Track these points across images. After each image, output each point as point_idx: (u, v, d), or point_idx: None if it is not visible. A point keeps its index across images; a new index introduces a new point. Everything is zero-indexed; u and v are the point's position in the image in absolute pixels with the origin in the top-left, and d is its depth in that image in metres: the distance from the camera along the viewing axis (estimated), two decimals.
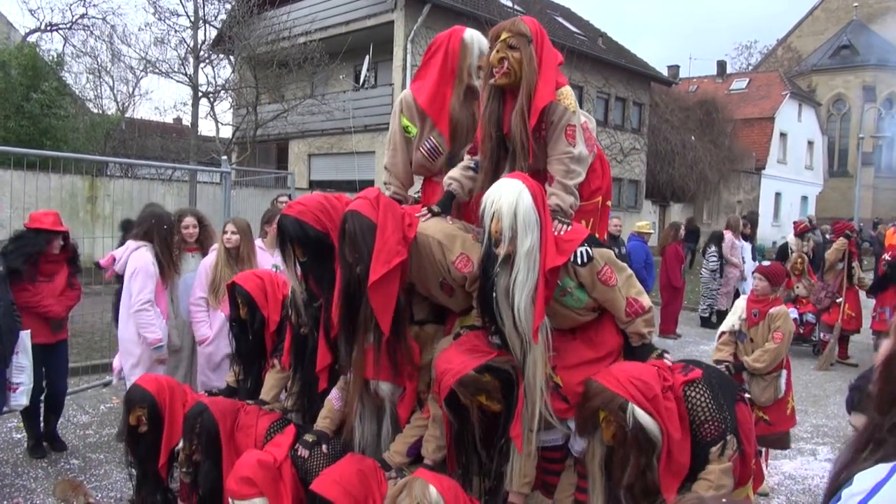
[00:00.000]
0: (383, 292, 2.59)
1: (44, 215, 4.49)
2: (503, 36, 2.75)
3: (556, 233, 2.61)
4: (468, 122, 3.17)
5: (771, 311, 4.57)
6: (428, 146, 3.18)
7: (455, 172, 2.97)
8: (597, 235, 2.97)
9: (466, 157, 3.00)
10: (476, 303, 2.71)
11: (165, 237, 4.42)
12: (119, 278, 4.56)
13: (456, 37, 3.12)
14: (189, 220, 4.71)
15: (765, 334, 4.53)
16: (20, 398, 4.24)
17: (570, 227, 2.68)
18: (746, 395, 2.92)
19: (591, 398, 2.46)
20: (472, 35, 3.15)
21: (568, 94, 2.79)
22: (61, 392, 4.76)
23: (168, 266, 4.44)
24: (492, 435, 2.64)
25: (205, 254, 4.77)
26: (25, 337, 4.20)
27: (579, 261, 2.58)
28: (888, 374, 1.17)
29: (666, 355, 2.74)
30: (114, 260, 4.53)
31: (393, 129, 3.31)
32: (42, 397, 4.60)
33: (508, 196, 2.45)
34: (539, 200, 2.52)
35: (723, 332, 4.74)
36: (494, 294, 2.50)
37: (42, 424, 4.70)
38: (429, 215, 2.86)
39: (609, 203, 3.20)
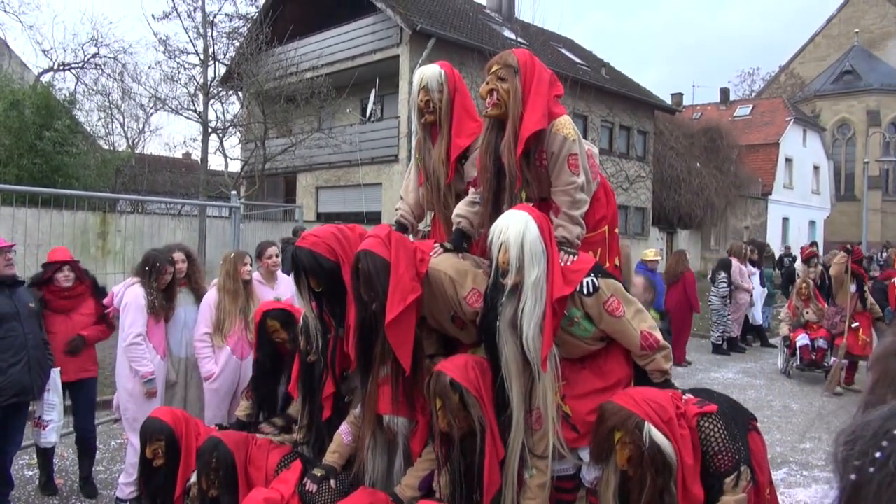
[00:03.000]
0: (401, 330, 2.62)
1: (52, 251, 4.57)
2: (494, 68, 2.81)
3: (562, 263, 2.63)
4: (429, 158, 3.17)
5: None
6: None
7: (462, 209, 2.98)
8: (606, 264, 2.99)
9: (471, 190, 3.02)
10: (478, 332, 2.73)
11: (149, 276, 4.37)
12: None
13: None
14: (178, 256, 4.64)
15: None
16: (50, 436, 4.25)
17: (576, 258, 2.70)
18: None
19: (606, 418, 2.46)
20: (419, 71, 3.17)
21: (566, 124, 2.80)
22: (88, 431, 4.70)
23: (156, 303, 4.38)
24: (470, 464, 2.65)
25: (193, 289, 4.73)
26: (56, 375, 4.22)
27: (585, 291, 2.60)
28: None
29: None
30: (114, 297, 4.52)
31: (412, 161, 3.40)
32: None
33: (515, 227, 2.49)
34: (545, 231, 2.55)
35: None
36: (498, 324, 2.52)
37: (79, 469, 4.73)
38: (441, 251, 2.89)
39: (617, 231, 3.20)
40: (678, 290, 9.69)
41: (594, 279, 2.62)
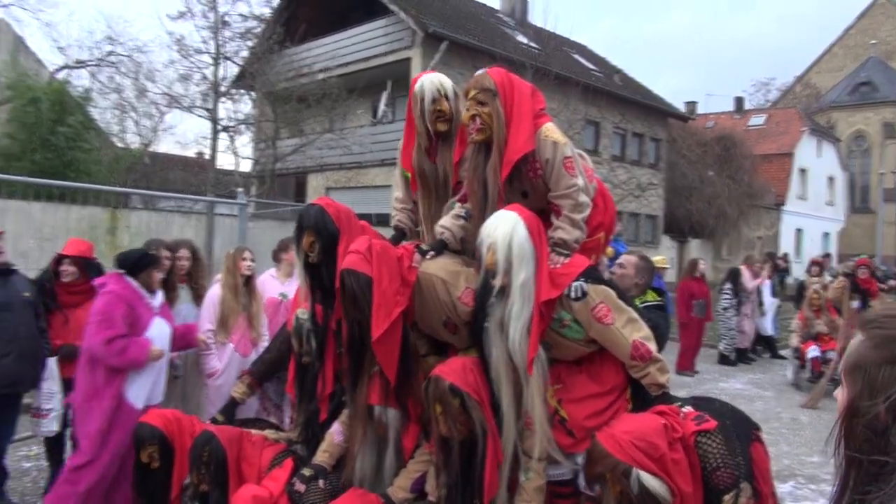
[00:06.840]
0: (387, 345, 2.61)
1: (68, 242, 4.42)
2: (471, 93, 2.75)
3: (553, 265, 2.58)
4: (433, 169, 3.09)
5: None
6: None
7: (447, 221, 2.93)
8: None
9: (457, 205, 2.97)
10: (469, 333, 2.69)
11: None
12: None
13: (411, 86, 3.04)
14: (183, 253, 4.59)
15: None
16: (51, 424, 4.21)
17: (568, 260, 2.64)
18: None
19: (595, 462, 2.41)
20: (424, 80, 3.02)
21: (553, 129, 2.75)
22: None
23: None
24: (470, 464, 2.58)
25: (193, 287, 4.68)
26: (52, 363, 4.18)
27: (573, 295, 2.55)
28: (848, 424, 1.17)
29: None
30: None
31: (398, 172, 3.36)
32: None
33: (504, 228, 2.47)
34: (535, 233, 2.52)
35: None
36: (486, 325, 2.49)
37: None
38: (419, 256, 2.84)
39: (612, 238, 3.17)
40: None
41: (583, 284, 2.56)
